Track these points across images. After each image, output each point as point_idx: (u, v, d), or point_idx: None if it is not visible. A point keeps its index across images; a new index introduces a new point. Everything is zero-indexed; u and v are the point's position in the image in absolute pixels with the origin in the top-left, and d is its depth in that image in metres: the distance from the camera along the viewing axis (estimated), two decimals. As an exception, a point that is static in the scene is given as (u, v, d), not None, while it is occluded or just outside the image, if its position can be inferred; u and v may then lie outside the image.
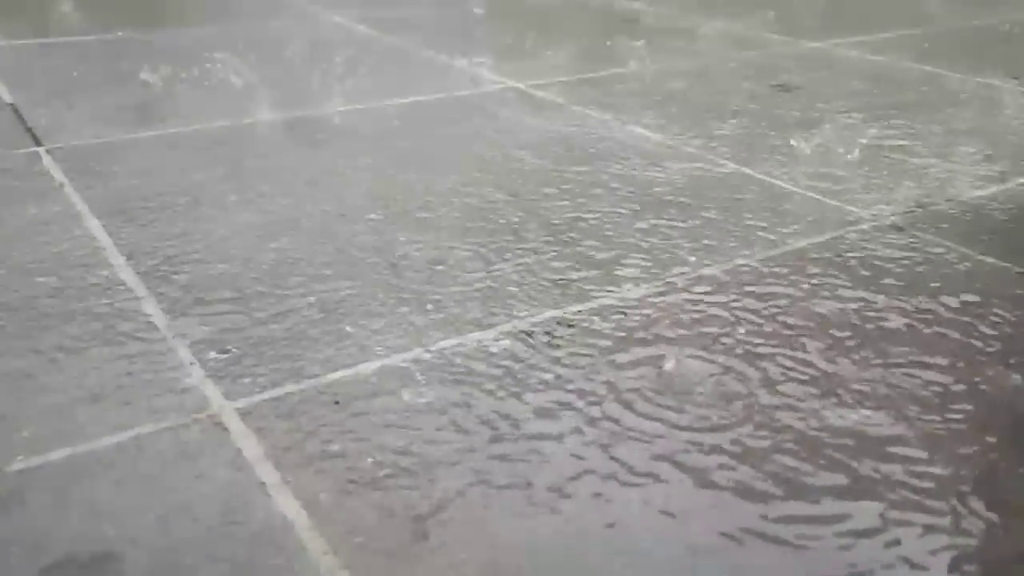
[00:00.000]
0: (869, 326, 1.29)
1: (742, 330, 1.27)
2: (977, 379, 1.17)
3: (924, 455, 1.03)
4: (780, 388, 1.14)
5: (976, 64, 2.71)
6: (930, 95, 2.43)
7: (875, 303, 1.35)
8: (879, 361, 1.20)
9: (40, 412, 1.09)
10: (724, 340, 1.24)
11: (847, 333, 1.27)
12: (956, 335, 1.27)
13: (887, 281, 1.42)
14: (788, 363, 1.19)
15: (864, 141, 2.04)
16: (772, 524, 0.93)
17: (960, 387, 1.15)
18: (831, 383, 1.16)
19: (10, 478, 0.98)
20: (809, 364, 1.19)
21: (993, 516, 0.94)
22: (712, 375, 1.17)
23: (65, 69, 2.61)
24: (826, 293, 1.37)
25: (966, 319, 1.31)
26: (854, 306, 1.34)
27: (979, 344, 1.25)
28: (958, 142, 2.06)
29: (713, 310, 1.32)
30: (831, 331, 1.27)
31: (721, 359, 1.20)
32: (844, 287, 1.39)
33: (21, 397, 1.12)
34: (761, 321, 1.29)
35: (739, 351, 1.22)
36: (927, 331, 1.28)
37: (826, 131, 2.10)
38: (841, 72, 2.65)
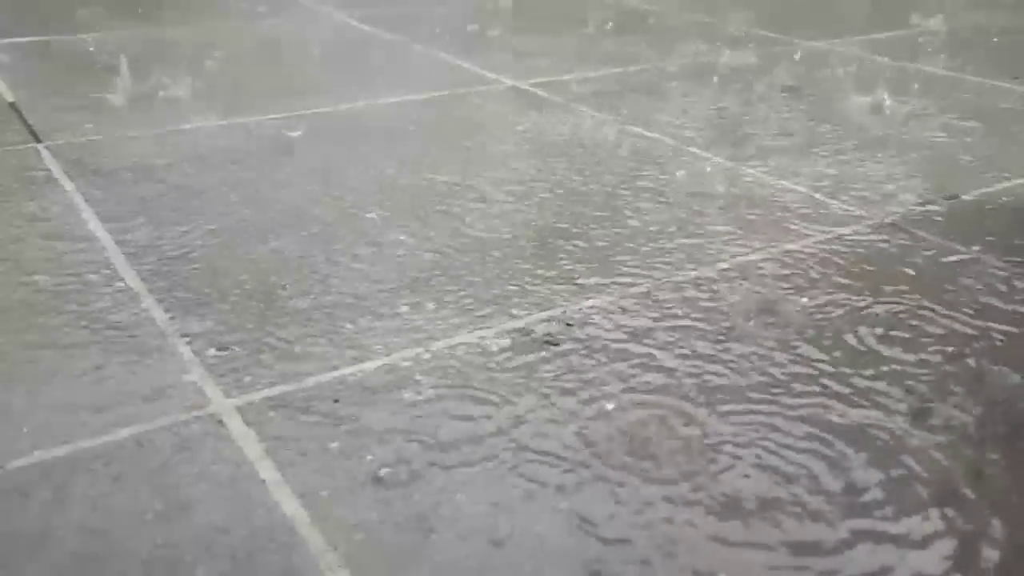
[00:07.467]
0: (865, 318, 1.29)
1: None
2: (976, 376, 1.17)
3: (921, 454, 1.03)
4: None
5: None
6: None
7: (874, 300, 1.36)
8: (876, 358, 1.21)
9: (40, 409, 1.09)
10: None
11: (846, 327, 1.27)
12: (957, 332, 1.28)
13: (887, 278, 1.42)
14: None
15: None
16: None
17: (959, 384, 1.16)
18: (832, 380, 1.16)
19: (11, 475, 0.98)
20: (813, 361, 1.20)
21: (993, 515, 0.94)
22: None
23: (66, 67, 2.61)
24: (823, 289, 1.38)
25: (965, 315, 1.31)
26: (854, 303, 1.35)
27: (980, 341, 1.25)
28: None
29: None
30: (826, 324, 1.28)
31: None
32: (843, 284, 1.40)
33: (21, 395, 1.12)
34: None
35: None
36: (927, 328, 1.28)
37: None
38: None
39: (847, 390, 1.14)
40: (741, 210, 1.68)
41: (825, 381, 1.16)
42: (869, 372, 1.18)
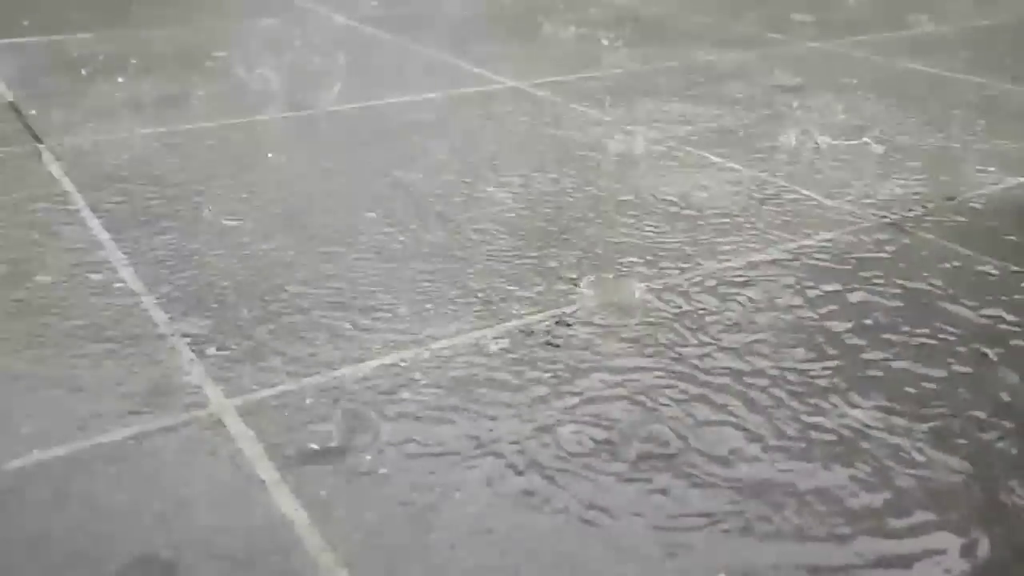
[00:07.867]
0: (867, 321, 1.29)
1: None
2: (976, 377, 1.17)
3: (922, 456, 1.03)
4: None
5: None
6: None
7: (873, 301, 1.36)
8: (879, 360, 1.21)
9: (39, 409, 1.09)
10: (723, 339, 1.24)
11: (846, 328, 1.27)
12: (956, 333, 1.27)
13: (886, 279, 1.42)
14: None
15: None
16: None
17: (959, 385, 1.16)
18: (831, 381, 1.16)
19: (9, 475, 0.98)
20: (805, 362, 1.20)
21: (993, 515, 0.94)
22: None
23: (66, 67, 2.61)
24: (822, 290, 1.38)
25: (964, 316, 1.31)
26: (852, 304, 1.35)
27: (979, 342, 1.25)
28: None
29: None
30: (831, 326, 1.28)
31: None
32: (842, 285, 1.40)
33: (20, 395, 1.12)
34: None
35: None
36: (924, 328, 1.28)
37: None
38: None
39: (845, 391, 1.14)
40: (741, 211, 1.68)
41: (823, 383, 1.16)
42: (867, 374, 1.18)
